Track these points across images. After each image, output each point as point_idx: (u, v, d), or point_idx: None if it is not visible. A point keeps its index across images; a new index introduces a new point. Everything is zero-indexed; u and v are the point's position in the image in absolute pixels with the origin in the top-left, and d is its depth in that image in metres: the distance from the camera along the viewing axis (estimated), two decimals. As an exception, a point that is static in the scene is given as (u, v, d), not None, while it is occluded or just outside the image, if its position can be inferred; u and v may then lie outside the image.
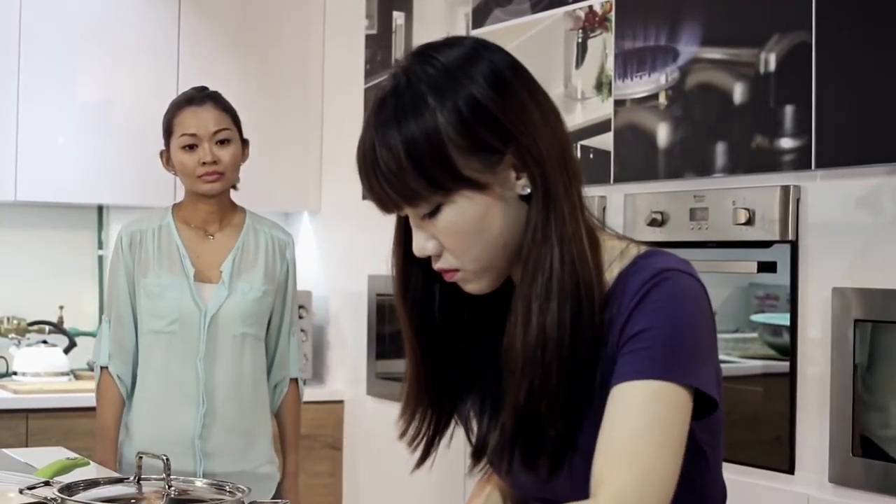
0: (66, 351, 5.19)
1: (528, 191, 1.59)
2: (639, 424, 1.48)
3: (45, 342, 5.16)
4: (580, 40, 3.92)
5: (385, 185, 1.56)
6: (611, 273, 1.61)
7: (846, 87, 3.02)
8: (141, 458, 2.05)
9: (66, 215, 5.44)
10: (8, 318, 5.21)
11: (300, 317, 5.24)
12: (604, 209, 3.73)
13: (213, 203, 3.50)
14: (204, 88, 3.58)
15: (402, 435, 1.75)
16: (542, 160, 1.58)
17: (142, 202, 5.27)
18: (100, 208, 5.48)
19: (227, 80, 5.33)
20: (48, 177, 5.03)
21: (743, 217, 3.22)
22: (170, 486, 2.00)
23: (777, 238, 3.17)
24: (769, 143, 3.21)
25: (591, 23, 3.87)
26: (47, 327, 5.25)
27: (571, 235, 1.58)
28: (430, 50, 1.62)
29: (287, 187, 5.51)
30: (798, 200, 3.15)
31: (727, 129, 3.35)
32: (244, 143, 3.57)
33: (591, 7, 3.88)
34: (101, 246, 5.50)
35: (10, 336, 5.18)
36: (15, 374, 5.08)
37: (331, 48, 5.52)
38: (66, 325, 5.30)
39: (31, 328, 5.22)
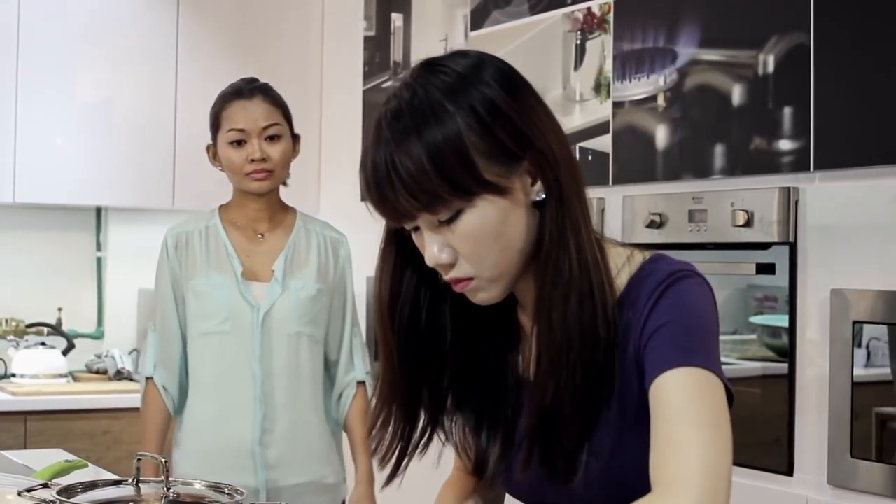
0: (65, 353, 5.19)
1: (543, 196, 1.60)
2: (683, 408, 1.51)
3: (43, 344, 5.16)
4: (579, 42, 3.92)
5: (402, 193, 1.55)
6: (620, 279, 1.64)
7: (845, 89, 3.02)
8: (139, 459, 2.04)
9: (65, 217, 5.44)
10: (6, 320, 5.20)
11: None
12: (602, 211, 3.73)
13: (262, 202, 3.35)
14: (253, 80, 3.39)
15: (374, 451, 1.76)
16: (557, 165, 1.60)
17: (141, 204, 5.28)
18: (98, 210, 5.48)
19: (225, 81, 5.33)
20: (47, 178, 5.03)
21: (742, 219, 3.22)
22: (168, 489, 2.00)
23: (776, 240, 3.17)
24: (768, 145, 3.21)
25: (590, 24, 3.87)
26: (46, 329, 5.25)
27: (586, 239, 1.61)
28: (438, 61, 1.63)
29: (286, 189, 5.50)
30: (797, 202, 3.15)
31: (726, 130, 3.35)
32: (295, 138, 3.39)
33: (589, 9, 3.88)
34: (99, 248, 5.50)
35: (8, 338, 5.18)
36: (13, 375, 5.08)
37: (329, 50, 5.51)
38: (64, 327, 5.30)
39: (29, 330, 5.22)
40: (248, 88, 3.32)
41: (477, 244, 1.59)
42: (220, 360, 3.26)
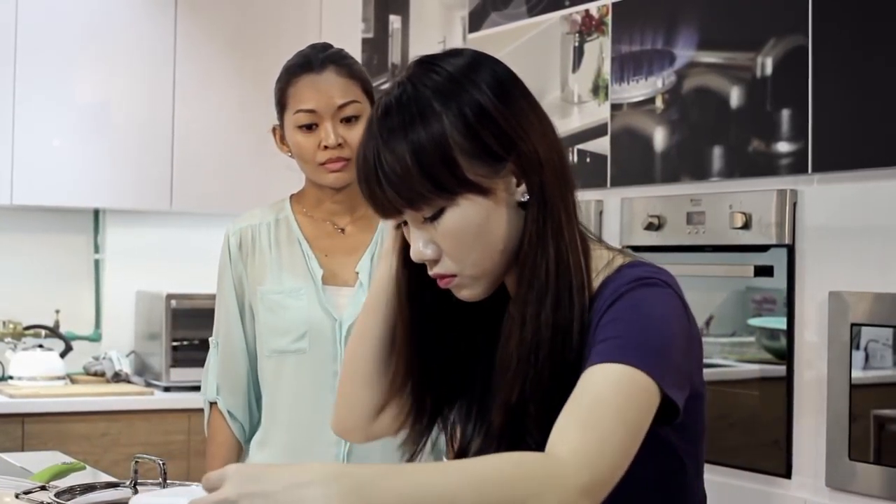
0: (63, 355, 5.19)
1: (527, 197, 1.62)
2: (602, 396, 1.49)
3: (41, 346, 5.16)
4: (577, 44, 3.92)
5: (388, 189, 1.59)
6: (597, 280, 1.64)
7: (843, 91, 3.02)
8: (137, 461, 2.04)
9: (63, 219, 5.44)
10: (4, 322, 5.20)
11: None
12: (600, 213, 3.73)
13: (342, 193, 2.78)
14: (326, 46, 2.82)
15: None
16: (541, 168, 1.62)
17: (138, 206, 5.28)
18: (96, 212, 5.47)
19: (223, 82, 5.35)
20: (44, 180, 5.02)
21: (740, 221, 3.21)
22: (166, 491, 2.00)
23: (774, 242, 3.17)
24: (766, 147, 3.21)
25: (588, 26, 3.87)
26: (43, 331, 5.25)
27: (567, 242, 1.62)
28: (432, 59, 1.65)
29: (284, 190, 5.48)
30: (795, 204, 3.15)
31: (724, 132, 3.35)
32: None
33: (587, 11, 3.88)
34: (97, 250, 5.49)
35: (5, 340, 5.18)
36: (11, 378, 5.07)
37: (327, 52, 5.51)
38: (62, 329, 5.30)
39: (27, 332, 5.22)
40: (319, 59, 2.75)
41: (459, 242, 1.61)
42: (297, 384, 2.72)
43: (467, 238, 1.61)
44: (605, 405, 1.48)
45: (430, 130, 1.57)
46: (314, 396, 2.66)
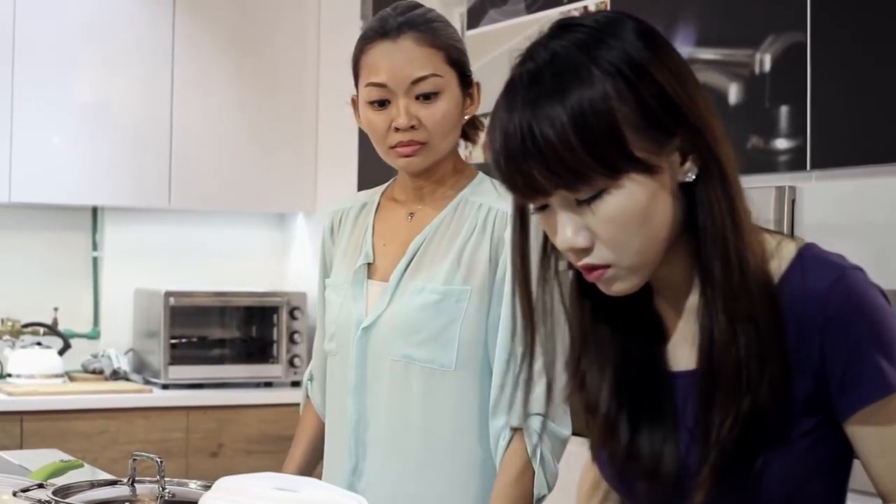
0: (61, 353, 5.18)
1: (691, 177, 1.45)
2: None
3: (39, 344, 5.16)
4: (575, 41, 3.91)
5: (540, 168, 1.39)
6: (776, 268, 1.49)
7: (842, 88, 3.02)
8: (135, 459, 2.04)
9: (61, 217, 5.43)
10: (2, 320, 5.19)
11: (294, 318, 5.24)
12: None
13: (425, 178, 2.39)
14: (412, 6, 2.38)
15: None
16: (714, 141, 1.45)
17: (137, 203, 5.28)
18: (95, 210, 5.47)
19: (221, 81, 5.34)
20: (43, 178, 5.02)
21: (738, 218, 3.21)
22: (164, 489, 2.00)
23: (772, 239, 3.16)
24: (764, 144, 3.21)
25: (587, 23, 3.86)
26: (42, 329, 5.24)
27: (747, 225, 1.47)
28: (572, 20, 1.47)
29: (282, 188, 5.51)
30: (793, 201, 3.14)
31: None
32: (468, 87, 2.37)
33: (585, 7, 3.88)
34: (95, 247, 5.49)
35: (4, 338, 5.17)
36: (9, 375, 5.07)
37: (326, 49, 5.51)
38: (60, 327, 5.29)
39: (25, 330, 5.21)
40: (396, 23, 2.32)
41: (619, 229, 1.42)
42: (329, 390, 2.48)
43: (630, 225, 1.41)
44: None
45: (591, 94, 1.38)
46: (334, 404, 2.44)
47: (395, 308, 2.30)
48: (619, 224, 1.41)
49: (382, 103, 2.31)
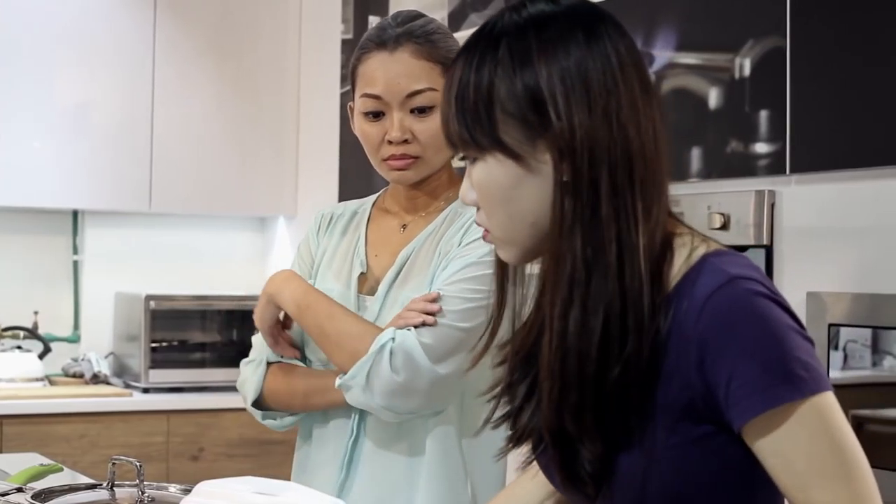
0: (41, 356, 5.17)
1: (567, 178, 1.48)
2: (814, 445, 1.42)
3: (19, 348, 5.14)
4: (556, 45, 3.92)
5: (445, 119, 1.57)
6: (678, 273, 1.50)
7: (821, 92, 3.03)
8: (114, 463, 2.04)
9: (41, 220, 5.42)
10: (-18, 324, 5.19)
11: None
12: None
13: (418, 189, 2.38)
14: (412, 17, 2.34)
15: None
16: (586, 153, 1.47)
17: (117, 207, 5.27)
18: (75, 213, 5.45)
19: (202, 84, 5.34)
20: (23, 181, 5.01)
21: (718, 222, 3.22)
22: (143, 493, 1.99)
23: (752, 243, 3.17)
24: (744, 148, 3.22)
25: (567, 28, 3.87)
26: (22, 332, 5.22)
27: (613, 238, 1.47)
28: (537, 3, 1.54)
29: (263, 192, 5.51)
30: (773, 205, 3.15)
31: (702, 133, 3.35)
32: None
33: (566, 12, 3.88)
34: (76, 251, 5.48)
35: (-16, 341, 5.16)
36: (-11, 379, 5.06)
37: (307, 52, 5.51)
38: (40, 331, 5.28)
39: (5, 333, 5.19)
40: (395, 34, 2.29)
41: (485, 198, 1.54)
42: None
43: (493, 198, 1.53)
44: (824, 454, 1.42)
45: (480, 77, 1.50)
46: (338, 414, 2.34)
47: (384, 320, 2.27)
48: (484, 194, 1.54)
49: (377, 115, 2.29)
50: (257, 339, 2.45)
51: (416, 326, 2.17)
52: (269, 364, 2.39)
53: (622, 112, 1.50)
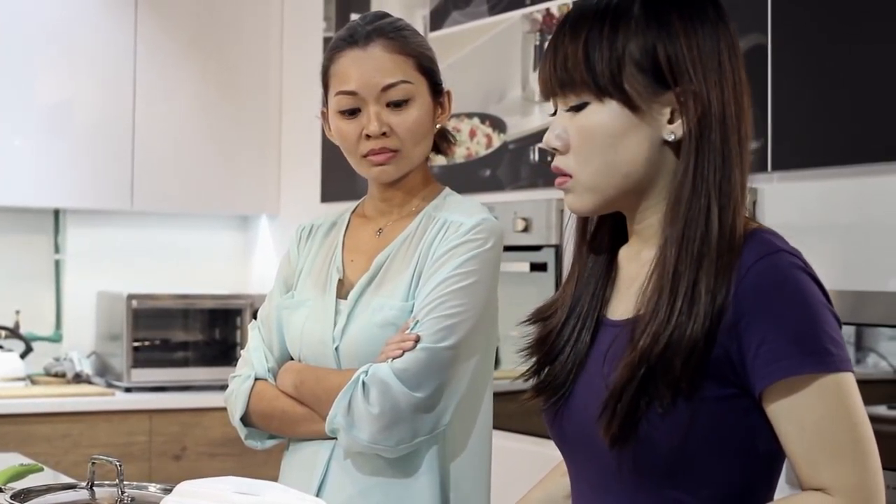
0: (23, 356, 5.16)
1: (673, 137, 1.59)
2: (834, 418, 1.49)
3: (1, 347, 5.13)
4: (538, 43, 3.92)
5: (553, 65, 1.61)
6: None
7: (802, 89, 3.03)
8: (94, 462, 2.03)
9: (23, 219, 5.40)
10: (-37, 323, 5.17)
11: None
12: (561, 211, 3.73)
13: (393, 191, 2.37)
14: (379, 16, 2.39)
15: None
16: (705, 115, 1.59)
17: (99, 206, 5.26)
18: (56, 212, 5.44)
19: (184, 82, 5.33)
20: (4, 180, 4.99)
21: (700, 219, 3.22)
22: (123, 492, 1.99)
23: (734, 240, 3.17)
24: (726, 146, 3.22)
25: (549, 25, 3.87)
26: (3, 332, 5.21)
27: (719, 199, 1.58)
28: None
29: (245, 190, 5.50)
30: (755, 202, 3.16)
31: (684, 131, 3.35)
32: (438, 96, 2.36)
33: (548, 10, 3.88)
34: (57, 250, 5.46)
35: (-35, 341, 5.15)
36: (-30, 379, 5.04)
37: (289, 50, 5.50)
38: (22, 330, 5.26)
39: (-14, 333, 5.18)
40: (365, 31, 2.32)
41: (586, 142, 1.60)
42: None
43: (597, 142, 1.59)
44: (838, 431, 1.49)
45: (615, 26, 1.58)
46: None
47: (355, 326, 2.26)
48: (588, 137, 1.59)
49: (353, 112, 2.30)
50: (245, 354, 2.45)
51: (394, 358, 2.17)
52: (256, 380, 2.38)
53: (738, 86, 1.63)
